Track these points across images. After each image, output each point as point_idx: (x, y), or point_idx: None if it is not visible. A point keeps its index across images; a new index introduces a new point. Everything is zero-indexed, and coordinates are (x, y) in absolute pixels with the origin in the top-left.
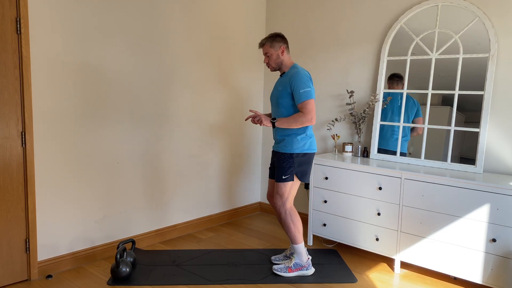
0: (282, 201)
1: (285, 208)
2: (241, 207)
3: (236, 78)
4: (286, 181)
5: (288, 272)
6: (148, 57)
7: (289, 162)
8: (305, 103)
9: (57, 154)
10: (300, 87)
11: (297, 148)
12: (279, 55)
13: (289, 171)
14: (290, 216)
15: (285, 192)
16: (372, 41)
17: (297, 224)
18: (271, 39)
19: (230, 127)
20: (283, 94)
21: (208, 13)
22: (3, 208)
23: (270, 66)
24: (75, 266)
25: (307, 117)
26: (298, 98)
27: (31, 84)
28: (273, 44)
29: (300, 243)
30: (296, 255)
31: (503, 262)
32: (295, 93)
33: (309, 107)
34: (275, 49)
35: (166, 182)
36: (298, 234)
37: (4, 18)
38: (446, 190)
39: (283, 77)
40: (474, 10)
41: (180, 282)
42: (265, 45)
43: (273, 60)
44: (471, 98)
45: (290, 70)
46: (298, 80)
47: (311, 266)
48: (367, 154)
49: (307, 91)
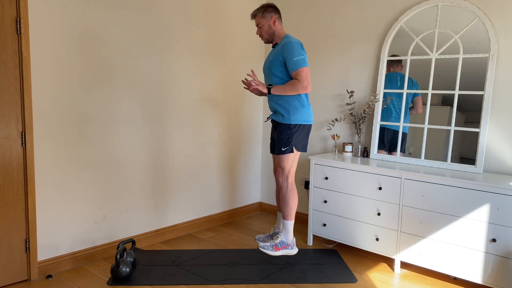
0: (284, 174)
1: (287, 182)
2: (241, 207)
3: (237, 76)
4: (285, 153)
5: (274, 250)
6: (148, 57)
7: (287, 133)
8: (299, 70)
9: (57, 154)
10: (293, 55)
11: (294, 119)
12: (270, 26)
13: (288, 142)
14: (291, 191)
15: (287, 164)
16: (372, 41)
17: (295, 200)
18: (262, 10)
19: (230, 127)
20: (275, 63)
21: (208, 12)
22: (3, 208)
23: (262, 37)
24: (75, 266)
25: (302, 84)
26: (292, 66)
27: (31, 84)
28: (264, 15)
29: (291, 220)
30: (283, 232)
31: (503, 262)
32: (288, 61)
33: (303, 74)
34: (266, 20)
35: (166, 182)
36: (293, 210)
37: (4, 18)
38: (446, 190)
39: (275, 48)
40: (474, 10)
41: (180, 282)
42: (256, 16)
43: (265, 31)
44: (471, 98)
45: (282, 40)
46: (290, 49)
47: (295, 246)
48: (367, 154)
49: (300, 59)
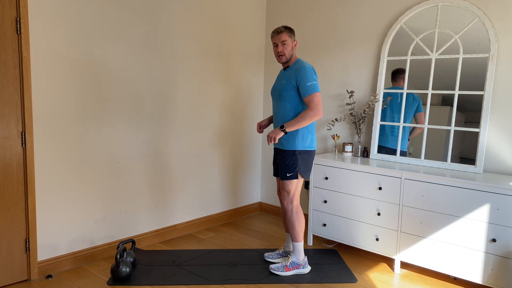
0: (290, 198)
1: (292, 205)
2: (241, 207)
3: (236, 77)
4: (290, 178)
5: (285, 271)
6: (148, 57)
7: (292, 159)
8: (312, 96)
9: (57, 154)
10: (307, 80)
11: (299, 145)
12: (293, 47)
13: (292, 168)
14: (296, 213)
15: (292, 188)
16: (372, 41)
17: (301, 222)
18: (289, 29)
19: (230, 127)
20: (287, 87)
21: (208, 13)
22: (3, 208)
23: (283, 56)
24: (75, 266)
25: (315, 112)
26: (304, 91)
27: (31, 84)
28: (290, 34)
29: (300, 241)
30: (294, 253)
31: (503, 262)
32: (302, 86)
33: (316, 100)
34: (292, 39)
35: (166, 182)
36: (301, 232)
37: (4, 18)
38: (446, 190)
39: (286, 71)
40: (474, 10)
41: (180, 282)
42: (283, 33)
43: (288, 50)
44: (471, 98)
45: (295, 64)
46: (304, 73)
47: (307, 265)
48: (367, 154)
49: (313, 84)
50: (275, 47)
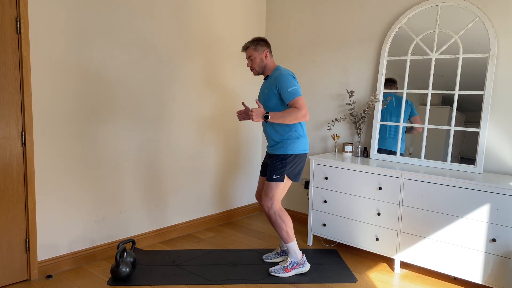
0: (271, 202)
1: (273, 210)
2: (241, 207)
3: (236, 80)
4: (276, 181)
5: (285, 272)
6: (147, 57)
7: (281, 163)
8: (296, 100)
9: (57, 154)
10: (287, 87)
11: (291, 149)
12: (262, 59)
13: (280, 171)
14: (280, 217)
15: (275, 194)
16: (372, 41)
17: (288, 223)
18: (255, 43)
19: (230, 127)
20: (269, 97)
21: (208, 13)
22: (3, 208)
23: (253, 69)
24: (75, 266)
25: (301, 112)
26: (287, 97)
27: (31, 84)
28: (256, 48)
29: (292, 241)
30: (290, 254)
31: (503, 262)
32: (283, 93)
33: (301, 102)
34: (258, 53)
35: (166, 182)
36: (290, 233)
37: (4, 18)
38: (446, 190)
39: (267, 80)
40: (474, 10)
41: (180, 282)
42: (248, 49)
43: (256, 64)
44: (471, 98)
45: (274, 72)
46: (283, 80)
47: (307, 263)
48: (367, 154)
49: (294, 89)
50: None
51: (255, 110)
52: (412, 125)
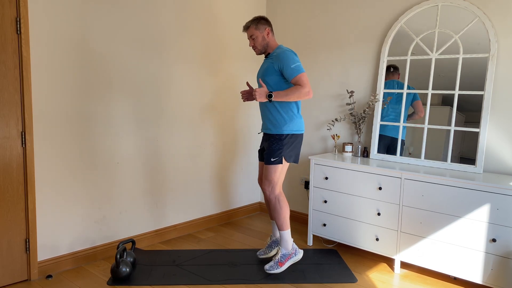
0: (271, 186)
1: (274, 194)
2: (241, 207)
3: (235, 80)
4: (274, 163)
5: (279, 267)
6: (147, 57)
7: (278, 144)
8: (299, 76)
9: (57, 154)
10: (290, 63)
11: (286, 129)
12: (264, 37)
13: (277, 153)
14: (279, 202)
15: (274, 177)
16: (372, 41)
17: (286, 209)
18: (255, 22)
19: (231, 127)
20: (269, 71)
21: (208, 12)
22: (3, 208)
23: (256, 48)
24: (75, 266)
25: (305, 90)
26: (290, 74)
27: (31, 84)
28: (258, 26)
29: (287, 229)
30: (281, 244)
31: (503, 262)
32: (286, 69)
33: (304, 79)
34: (260, 31)
35: (166, 182)
36: (286, 220)
37: (4, 18)
38: (446, 190)
39: (268, 58)
40: (474, 10)
41: (180, 282)
42: (250, 28)
43: (258, 42)
44: (471, 98)
45: (275, 51)
46: (285, 57)
47: (298, 250)
48: (367, 154)
49: (297, 65)
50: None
51: (258, 90)
52: (412, 125)
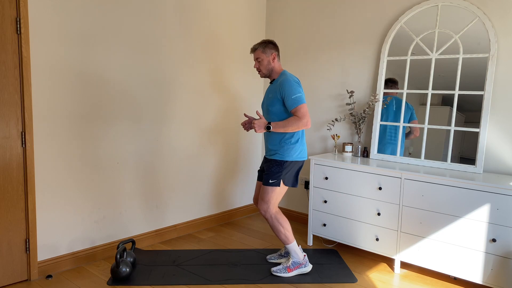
0: (267, 206)
1: (270, 214)
2: (241, 207)
3: (235, 80)
4: (272, 185)
5: (287, 272)
6: (148, 58)
7: (278, 168)
8: (298, 107)
9: (57, 154)
10: (291, 93)
11: (288, 156)
12: (270, 62)
13: (276, 176)
14: (277, 220)
15: (271, 198)
16: (372, 41)
17: (285, 225)
18: (263, 45)
19: (230, 128)
20: (273, 101)
21: (207, 13)
22: (3, 208)
23: (260, 72)
24: (75, 266)
25: (302, 121)
26: (290, 104)
27: (31, 84)
28: (265, 50)
29: (292, 243)
30: (291, 256)
31: (503, 262)
32: (287, 100)
33: (303, 110)
34: (266, 55)
35: (166, 182)
36: (288, 234)
37: (4, 18)
38: (446, 190)
39: (273, 84)
40: (474, 10)
41: (180, 282)
42: (257, 50)
43: (264, 66)
44: (471, 98)
45: (280, 77)
46: (288, 87)
47: (309, 263)
48: (367, 154)
49: (298, 96)
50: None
51: (257, 122)
52: (410, 125)
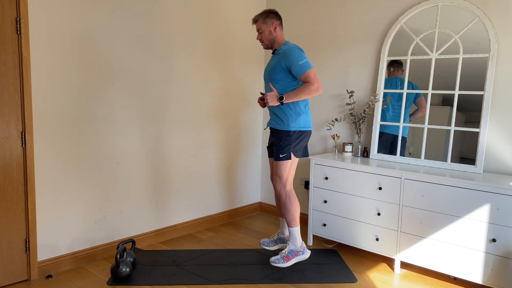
0: (282, 182)
1: (285, 191)
2: (241, 207)
3: (236, 76)
4: (283, 159)
5: (285, 262)
6: (148, 57)
7: (286, 140)
8: (307, 73)
9: (57, 154)
10: (297, 60)
11: (294, 126)
12: (271, 32)
13: (286, 150)
14: (289, 198)
15: (284, 173)
16: (372, 41)
17: (296, 207)
18: (264, 15)
19: (230, 128)
20: (276, 69)
21: (208, 11)
22: (3, 208)
23: (262, 42)
24: (75, 266)
25: (314, 86)
26: (298, 70)
27: (31, 84)
28: (265, 20)
29: (296, 227)
30: (290, 240)
31: (503, 262)
32: (294, 67)
33: (312, 75)
34: (267, 25)
35: (166, 182)
36: (296, 217)
37: (4, 18)
38: (446, 190)
39: (275, 54)
40: (474, 10)
41: (180, 282)
42: (258, 21)
43: (265, 37)
44: (471, 98)
45: (282, 47)
46: (292, 54)
47: (306, 249)
48: (367, 154)
49: (305, 61)
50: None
51: (269, 94)
52: (413, 125)
